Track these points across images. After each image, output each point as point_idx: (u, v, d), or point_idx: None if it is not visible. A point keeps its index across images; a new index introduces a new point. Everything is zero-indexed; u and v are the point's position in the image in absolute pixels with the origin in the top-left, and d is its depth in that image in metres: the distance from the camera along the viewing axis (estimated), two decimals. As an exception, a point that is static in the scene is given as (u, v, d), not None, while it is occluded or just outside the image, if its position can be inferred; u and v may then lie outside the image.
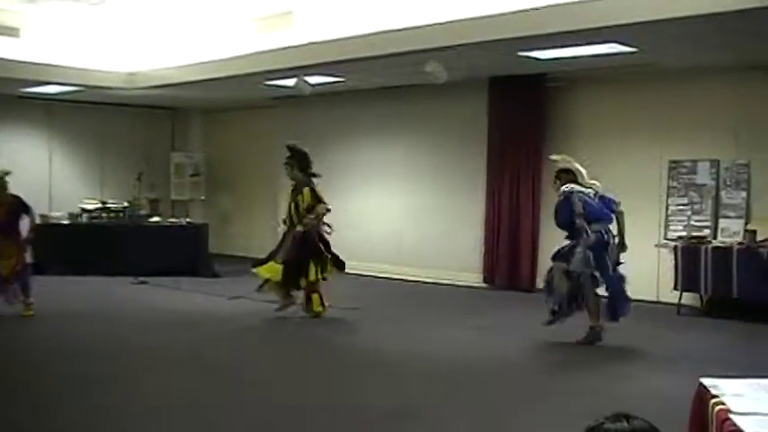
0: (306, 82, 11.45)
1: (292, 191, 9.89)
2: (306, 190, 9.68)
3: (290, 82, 11.75)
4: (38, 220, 10.17)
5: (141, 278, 12.16)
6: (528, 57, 9.73)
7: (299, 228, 9.60)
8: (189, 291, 11.25)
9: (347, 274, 13.19)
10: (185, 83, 12.56)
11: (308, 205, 9.63)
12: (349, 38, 9.96)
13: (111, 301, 10.79)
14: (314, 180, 9.83)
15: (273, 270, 9.48)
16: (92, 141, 15.57)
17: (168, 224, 13.91)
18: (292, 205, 9.77)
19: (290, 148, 9.97)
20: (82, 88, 13.27)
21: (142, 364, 7.30)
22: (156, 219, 13.97)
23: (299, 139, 14.39)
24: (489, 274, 12.05)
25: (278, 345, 8.30)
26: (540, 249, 11.35)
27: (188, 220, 14.53)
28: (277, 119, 14.94)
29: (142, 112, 16.10)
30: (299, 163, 9.82)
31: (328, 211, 9.85)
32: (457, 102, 12.32)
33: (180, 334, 8.79)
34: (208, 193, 16.41)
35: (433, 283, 12.40)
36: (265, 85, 12.38)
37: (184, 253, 13.02)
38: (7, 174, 9.51)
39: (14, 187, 9.58)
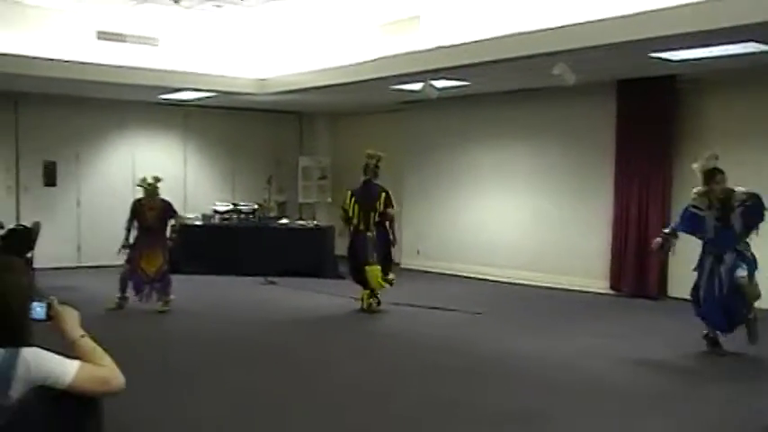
0: (432, 86, 11.51)
1: (364, 195, 10.23)
2: (383, 194, 10.15)
3: (417, 86, 11.84)
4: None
5: (270, 278, 12.49)
6: (659, 58, 9.50)
7: (371, 232, 10.08)
8: (314, 291, 11.47)
9: (469, 278, 13.26)
10: (314, 88, 12.81)
11: (381, 212, 10.16)
12: (476, 41, 9.96)
13: (241, 300, 11.13)
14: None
15: (377, 274, 10.04)
16: (224, 145, 16.09)
17: (296, 226, 14.22)
18: (372, 212, 10.13)
19: (373, 156, 10.41)
20: (216, 94, 13.73)
21: (264, 360, 7.51)
22: (284, 221, 14.31)
23: (425, 144, 14.65)
24: (616, 280, 11.81)
25: (399, 346, 8.35)
26: (671, 255, 11.05)
27: (315, 222, 14.81)
28: (403, 123, 15.10)
29: (272, 117, 16.53)
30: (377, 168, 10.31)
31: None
32: (584, 105, 12.14)
33: (304, 332, 9.00)
34: (334, 195, 16.67)
35: (556, 288, 12.24)
36: (392, 89, 12.51)
37: (311, 254, 13.30)
38: (159, 180, 10.09)
39: (152, 189, 10.07)
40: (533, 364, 7.38)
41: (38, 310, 2.66)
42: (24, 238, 10.93)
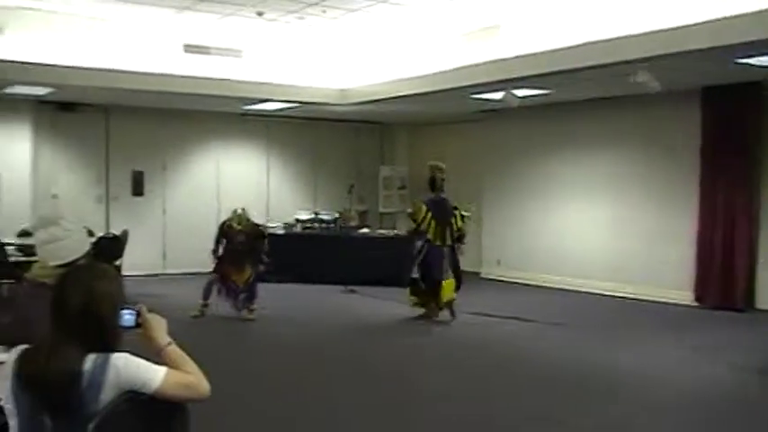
0: (513, 95, 11.47)
1: (439, 209, 10.34)
2: (456, 211, 10.37)
3: (498, 95, 11.81)
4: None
5: (350, 287, 12.59)
6: (745, 64, 9.28)
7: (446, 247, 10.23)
8: (395, 300, 11.50)
9: (550, 288, 13.14)
10: (394, 98, 12.88)
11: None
12: (557, 50, 9.89)
13: (322, 308, 11.26)
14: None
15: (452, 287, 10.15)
16: (306, 155, 16.30)
17: (376, 235, 14.30)
18: (447, 227, 10.24)
19: (442, 168, 10.64)
20: (298, 105, 13.92)
21: (345, 369, 7.58)
22: (364, 230, 14.41)
23: (505, 153, 14.58)
24: (700, 291, 11.54)
25: (482, 357, 8.33)
26: (760, 266, 10.80)
27: (395, 231, 14.87)
28: (483, 132, 15.06)
29: (353, 127, 16.68)
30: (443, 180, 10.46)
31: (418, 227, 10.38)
32: (667, 112, 11.92)
33: (385, 342, 9.06)
34: (415, 205, 16.70)
35: (638, 299, 12.03)
36: (472, 98, 12.50)
37: (391, 264, 13.32)
38: (244, 211, 10.39)
39: (236, 199, 10.30)
40: (624, 378, 7.28)
41: (127, 317, 2.74)
42: (113, 246, 11.25)
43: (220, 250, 10.32)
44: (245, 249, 10.22)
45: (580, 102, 12.77)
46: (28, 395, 2.57)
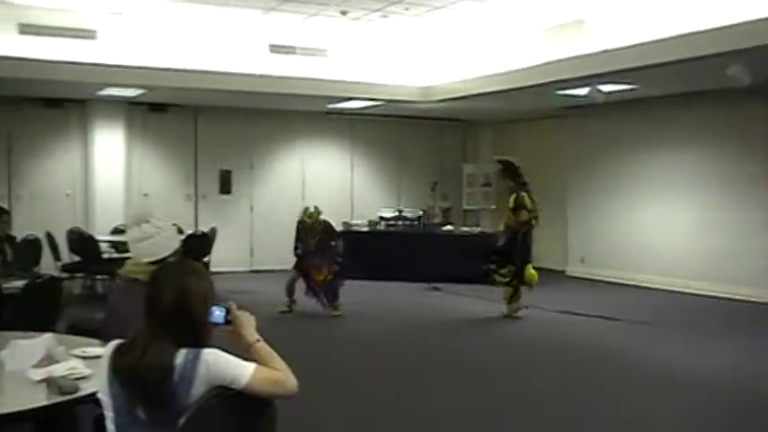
0: (599, 90, 11.32)
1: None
2: (512, 196, 10.17)
3: (583, 91, 11.66)
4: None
5: (434, 284, 12.61)
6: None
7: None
8: (478, 298, 11.46)
9: (636, 286, 12.90)
10: (477, 95, 12.84)
11: (511, 208, 10.24)
12: (643, 44, 9.72)
13: (406, 305, 11.29)
14: (526, 188, 10.29)
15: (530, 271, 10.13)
16: (389, 153, 16.37)
17: (460, 233, 14.27)
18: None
19: (500, 162, 10.68)
20: (381, 103, 14.00)
21: (432, 366, 7.61)
22: (448, 227, 14.40)
23: (589, 149, 14.38)
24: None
25: (571, 356, 8.25)
26: None
27: (479, 228, 14.81)
28: (567, 128, 14.90)
29: (436, 125, 16.67)
30: (510, 174, 10.37)
31: (533, 219, 10.30)
32: (758, 106, 11.58)
33: (470, 339, 9.05)
34: (498, 202, 16.62)
35: (722, 298, 11.72)
36: (557, 94, 12.37)
37: (475, 261, 13.28)
38: (320, 213, 10.42)
39: (321, 197, 10.42)
40: (713, 378, 7.13)
41: (217, 314, 2.80)
42: (202, 243, 11.50)
43: (300, 248, 10.45)
44: (317, 250, 10.31)
45: (668, 96, 12.50)
46: (123, 389, 2.66)
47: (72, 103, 13.68)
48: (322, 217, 10.44)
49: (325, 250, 10.31)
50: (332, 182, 15.50)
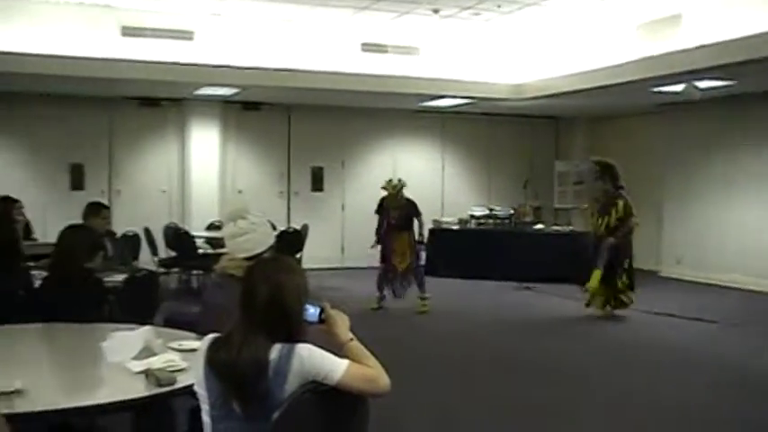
0: (695, 87, 11.04)
1: (603, 203, 10.09)
2: (620, 203, 9.89)
3: (678, 88, 11.40)
4: (426, 227, 10.77)
5: (525, 284, 12.50)
6: None
7: (612, 239, 9.83)
8: (569, 298, 11.31)
9: (733, 288, 12.54)
10: (570, 92, 12.68)
11: (619, 217, 9.86)
12: (743, 38, 9.43)
13: (496, 304, 11.23)
14: (623, 192, 10.05)
15: (596, 278, 9.83)
16: (480, 151, 16.29)
17: (551, 231, 14.12)
18: (606, 217, 9.95)
19: (598, 163, 10.36)
20: (472, 100, 13.95)
21: (520, 367, 7.55)
22: (539, 226, 14.26)
23: (685, 147, 14.03)
24: None
25: (660, 357, 8.10)
26: None
27: (570, 227, 14.63)
28: (662, 126, 14.57)
29: (527, 122, 16.52)
30: (610, 176, 10.08)
31: (637, 225, 10.07)
32: None
33: (561, 340, 8.95)
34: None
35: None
36: (652, 91, 12.12)
37: (567, 261, 13.08)
38: (404, 186, 10.39)
39: (411, 195, 10.42)
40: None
41: (311, 312, 2.84)
42: (294, 239, 11.67)
43: (384, 226, 10.43)
44: (400, 225, 10.29)
45: (765, 93, 12.11)
46: (218, 383, 2.72)
47: (169, 102, 14.07)
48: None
49: (408, 227, 10.27)
50: (422, 180, 15.48)
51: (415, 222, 10.42)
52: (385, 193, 10.49)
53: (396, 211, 10.33)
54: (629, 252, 10.03)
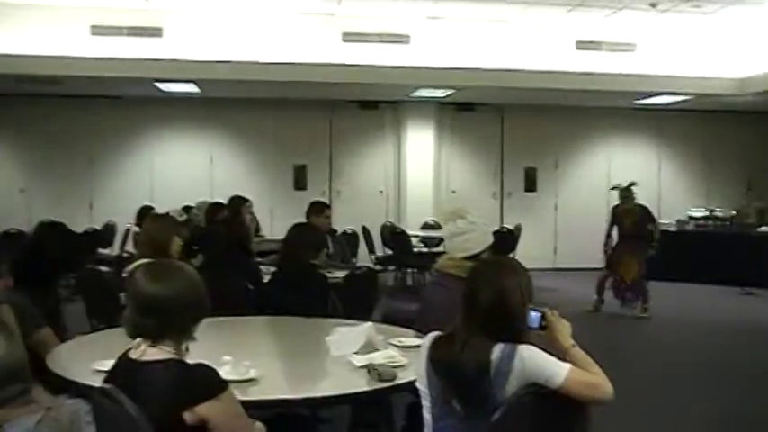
0: None
1: None
2: None
3: None
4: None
5: (748, 289, 11.87)
6: None
7: None
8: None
9: None
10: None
11: None
12: None
13: (717, 310, 10.78)
14: None
15: None
16: (699, 150, 15.56)
17: (777, 234, 13.32)
18: None
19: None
20: (691, 97, 13.39)
21: (745, 378, 7.20)
22: (764, 228, 13.47)
23: None
24: None
25: None
26: None
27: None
28: None
29: (751, 119, 15.58)
30: None
31: None
32: None
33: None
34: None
35: None
36: None
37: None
38: (633, 185, 10.20)
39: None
40: None
41: (533, 317, 2.86)
42: (508, 240, 11.66)
43: (614, 237, 10.17)
44: (632, 234, 9.96)
45: None
46: (440, 381, 2.79)
47: (386, 104, 14.46)
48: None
49: (641, 236, 9.93)
50: (638, 179, 15.00)
51: (649, 228, 10.05)
52: (616, 202, 10.27)
53: (629, 218, 10.07)
54: None
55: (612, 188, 10.38)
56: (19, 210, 13.16)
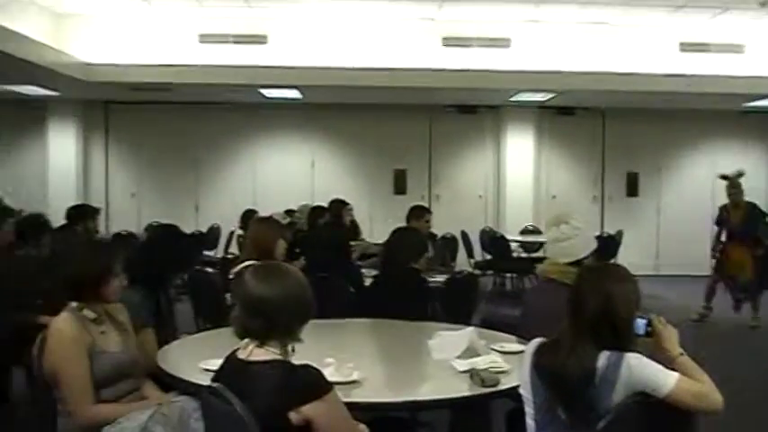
0: None
1: None
2: None
3: None
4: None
5: None
6: None
7: None
8: None
9: None
10: None
11: None
12: None
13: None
14: None
15: None
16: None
17: None
18: None
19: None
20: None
21: None
22: None
23: None
24: None
25: None
26: None
27: None
28: None
29: None
30: None
31: None
32: None
33: None
34: None
35: None
36: None
37: None
38: (741, 176, 9.81)
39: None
40: None
41: (639, 324, 2.82)
42: (608, 245, 11.47)
43: (722, 237, 9.81)
44: (741, 231, 9.53)
45: None
46: (544, 387, 2.79)
47: (486, 108, 14.41)
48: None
49: (751, 232, 9.49)
50: (746, 185, 14.55)
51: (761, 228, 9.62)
52: (726, 201, 9.89)
53: (737, 213, 9.69)
54: None
55: (721, 177, 9.91)
56: (130, 212, 13.66)
